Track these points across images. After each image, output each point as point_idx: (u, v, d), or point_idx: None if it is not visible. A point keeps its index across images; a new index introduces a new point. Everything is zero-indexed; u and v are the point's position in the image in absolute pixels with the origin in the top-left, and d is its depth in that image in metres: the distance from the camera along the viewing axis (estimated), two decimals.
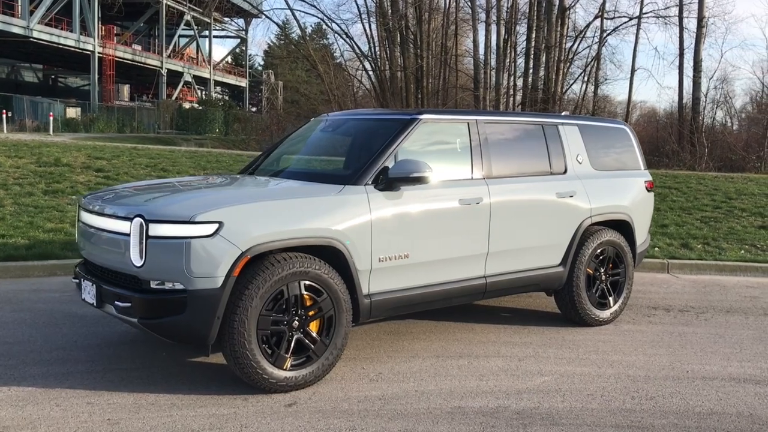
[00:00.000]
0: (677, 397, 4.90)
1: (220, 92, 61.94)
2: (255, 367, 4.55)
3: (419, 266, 5.34)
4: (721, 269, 9.45)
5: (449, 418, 4.40)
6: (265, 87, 62.98)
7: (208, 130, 46.54)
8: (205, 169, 15.05)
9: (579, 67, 34.78)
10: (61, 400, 4.52)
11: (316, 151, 6.38)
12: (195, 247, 4.36)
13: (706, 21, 30.94)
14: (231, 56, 67.06)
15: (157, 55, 50.97)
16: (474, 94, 29.85)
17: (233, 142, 36.06)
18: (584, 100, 35.39)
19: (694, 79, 31.11)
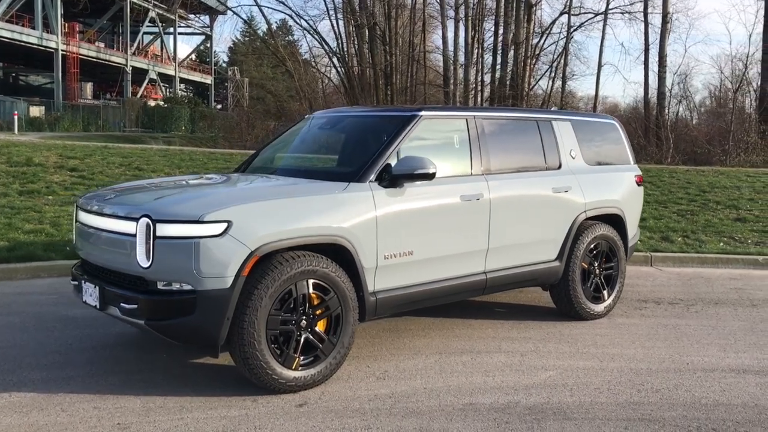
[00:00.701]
0: (682, 389, 4.96)
1: (184, 89, 61.23)
2: (264, 367, 4.50)
3: (423, 263, 5.34)
4: (703, 261, 9.61)
5: (462, 415, 4.39)
6: (230, 84, 62.52)
7: (174, 128, 45.99)
8: (180, 168, 14.87)
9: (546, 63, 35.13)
10: (66, 405, 4.42)
11: (315, 149, 6.33)
12: (204, 247, 4.29)
13: (670, 16, 31.41)
14: (195, 53, 66.37)
15: (122, 52, 50.22)
16: (444, 90, 29.93)
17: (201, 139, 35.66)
18: (551, 96, 35.74)
19: (660, 74, 31.58)
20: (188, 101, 50.08)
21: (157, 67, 55.25)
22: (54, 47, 42.83)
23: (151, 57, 55.45)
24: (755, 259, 9.66)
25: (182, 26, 59.85)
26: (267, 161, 6.22)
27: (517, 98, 28.80)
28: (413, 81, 34.01)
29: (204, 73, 62.64)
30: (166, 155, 16.64)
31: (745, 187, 14.44)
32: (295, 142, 6.42)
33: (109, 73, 51.39)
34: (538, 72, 34.75)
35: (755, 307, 7.39)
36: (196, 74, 61.90)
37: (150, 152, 17.11)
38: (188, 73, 60.70)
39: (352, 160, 5.53)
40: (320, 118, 6.46)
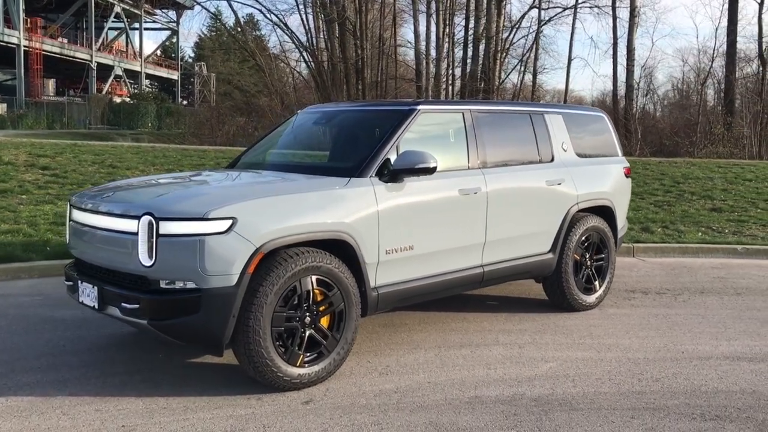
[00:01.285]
0: (681, 377, 5.02)
1: (149, 86, 60.40)
2: (270, 365, 4.46)
3: (422, 257, 5.32)
4: (684, 251, 9.74)
5: (470, 408, 4.39)
6: (197, 79, 61.86)
7: (141, 125, 45.39)
8: (154, 166, 14.66)
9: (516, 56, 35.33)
10: (66, 408, 4.33)
11: (310, 144, 6.26)
12: (209, 245, 4.23)
13: (638, 10, 31.81)
14: (161, 49, 65.54)
15: (87, 48, 49.36)
16: (416, 85, 29.94)
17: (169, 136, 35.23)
18: (522, 90, 35.98)
19: (628, 67, 31.95)
20: (155, 97, 49.42)
21: (123, 63, 54.43)
22: (16, 43, 41.95)
23: (116, 53, 54.57)
24: (734, 248, 9.82)
25: (148, 21, 59.00)
26: (262, 157, 6.14)
27: (488, 92, 28.92)
28: (384, 75, 33.97)
29: (170, 69, 61.85)
30: (139, 152, 16.39)
31: (718, 178, 14.69)
32: (290, 137, 6.35)
33: (74, 69, 50.47)
34: (508, 66, 34.99)
35: (740, 295, 7.51)
36: (163, 70, 61.10)
37: (121, 150, 16.83)
38: (154, 68, 59.91)
39: (352, 155, 5.48)
40: (313, 113, 6.40)
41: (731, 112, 27.91)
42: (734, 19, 29.91)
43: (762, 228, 10.94)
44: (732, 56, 30.43)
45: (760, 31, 31.11)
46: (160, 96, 51.01)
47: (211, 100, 53.15)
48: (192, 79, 66.45)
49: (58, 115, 42.15)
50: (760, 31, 31.11)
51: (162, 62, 62.12)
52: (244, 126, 29.46)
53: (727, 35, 30.32)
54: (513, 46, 34.39)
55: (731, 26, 29.90)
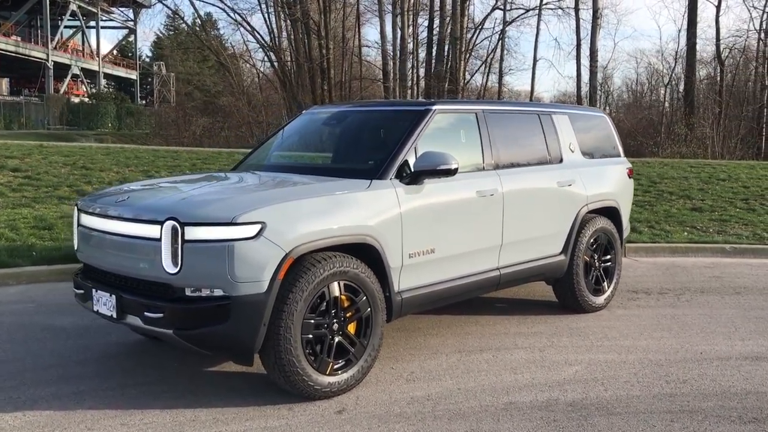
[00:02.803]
0: (707, 378, 5.00)
1: (107, 85, 59.16)
2: (301, 374, 4.31)
3: (443, 260, 5.23)
4: (673, 251, 9.81)
5: (508, 416, 4.31)
6: (156, 79, 60.81)
7: (100, 125, 44.49)
8: (128, 167, 14.30)
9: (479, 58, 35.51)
10: (90, 423, 4.12)
11: (323, 145, 6.10)
12: (239, 251, 4.06)
13: (600, 12, 32.23)
14: (118, 48, 64.25)
15: (42, 46, 48.11)
16: (384, 85, 29.85)
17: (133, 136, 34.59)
18: (486, 91, 36.18)
19: (591, 68, 32.39)
20: (114, 97, 48.44)
21: (80, 62, 53.22)
22: None
23: (72, 51, 53.33)
24: (722, 247, 9.93)
25: (105, 19, 57.74)
26: (273, 159, 5.96)
27: (455, 92, 28.99)
28: (349, 76, 33.83)
29: (129, 69, 60.68)
30: (109, 153, 16.00)
31: (692, 178, 14.90)
32: (299, 139, 6.20)
33: (29, 68, 49.14)
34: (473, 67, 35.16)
35: (739, 294, 7.57)
36: (121, 69, 59.93)
37: (91, 150, 16.41)
38: (112, 68, 58.73)
39: (369, 156, 5.34)
40: (322, 113, 6.25)
41: (692, 112, 28.43)
42: (694, 21, 30.49)
43: (745, 227, 11.09)
44: (692, 58, 31.02)
45: (718, 33, 31.84)
46: (119, 96, 50.02)
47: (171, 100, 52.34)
48: (150, 78, 65.34)
49: (15, 115, 41.03)
50: (717, 34, 31.84)
51: (120, 62, 60.92)
52: (209, 126, 29.06)
53: (687, 38, 30.89)
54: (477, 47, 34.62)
55: (691, 29, 30.48)
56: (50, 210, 10.27)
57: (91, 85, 56.64)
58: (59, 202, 10.86)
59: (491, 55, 34.40)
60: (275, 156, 6.02)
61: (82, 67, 53.59)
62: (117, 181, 12.67)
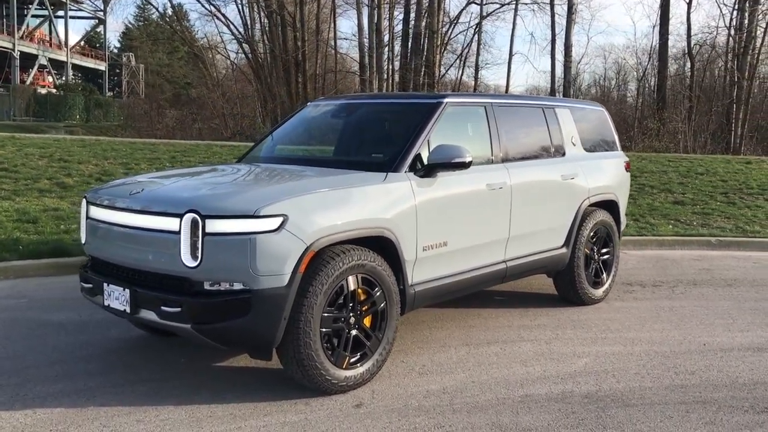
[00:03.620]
0: (714, 370, 5.06)
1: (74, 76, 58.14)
2: (319, 368, 4.27)
3: (455, 254, 5.22)
4: (660, 244, 9.93)
5: (526, 408, 4.31)
6: (125, 70, 59.99)
7: (68, 117, 43.76)
8: (107, 159, 14.06)
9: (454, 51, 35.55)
10: (105, 420, 4.04)
11: (332, 138, 6.02)
12: (261, 244, 4.00)
13: (575, 7, 32.46)
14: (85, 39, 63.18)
15: (8, 36, 47.10)
16: (361, 78, 29.75)
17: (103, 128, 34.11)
18: (461, 85, 36.25)
19: (566, 63, 32.61)
20: (82, 89, 47.63)
21: (48, 53, 52.20)
22: None
23: (39, 41, 52.28)
24: (708, 240, 10.08)
25: (73, 9, 56.71)
26: (282, 151, 5.88)
27: (431, 86, 29.01)
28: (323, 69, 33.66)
29: (98, 59, 59.68)
30: (85, 146, 15.72)
31: (671, 172, 15.09)
32: (307, 131, 6.13)
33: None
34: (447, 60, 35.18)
35: (731, 286, 7.69)
36: (89, 60, 58.91)
37: (66, 142, 16.12)
38: (81, 59, 57.69)
39: (382, 149, 5.30)
40: (329, 105, 6.19)
41: (664, 107, 28.79)
42: (666, 17, 30.87)
43: (727, 220, 11.27)
44: (664, 53, 31.42)
45: (689, 29, 32.26)
46: (87, 87, 49.20)
47: (141, 91, 51.68)
48: (118, 70, 64.41)
49: None
50: (688, 30, 32.26)
51: (88, 52, 59.88)
52: (182, 119, 28.74)
53: (660, 33, 31.25)
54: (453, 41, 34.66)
55: (663, 24, 30.85)
56: (32, 203, 10.06)
57: (58, 75, 55.64)
58: (40, 195, 10.63)
59: (467, 49, 34.46)
60: (283, 148, 5.94)
61: (49, 57, 52.58)
62: (97, 173, 12.47)
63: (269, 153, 5.86)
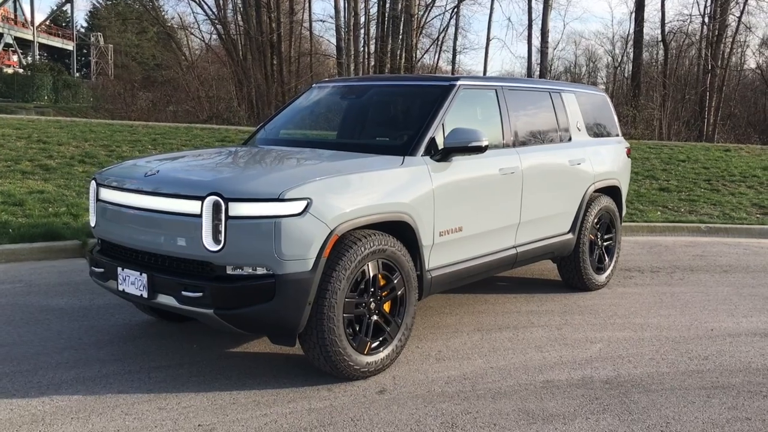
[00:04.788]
0: (725, 355, 5.11)
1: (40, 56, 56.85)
2: (342, 353, 4.21)
3: (469, 239, 5.18)
4: (651, 230, 10.01)
5: (549, 394, 4.30)
6: (94, 51, 58.84)
7: (36, 98, 42.79)
8: (87, 141, 13.79)
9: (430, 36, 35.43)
10: (126, 408, 3.95)
11: (343, 121, 5.91)
12: (285, 228, 3.92)
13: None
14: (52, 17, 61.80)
15: None
16: (338, 61, 29.51)
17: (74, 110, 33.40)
18: (437, 69, 36.17)
19: (542, 49, 32.62)
20: (50, 69, 46.61)
21: (13, 31, 51.00)
22: None
23: (3, 19, 51.02)
24: (697, 226, 10.18)
25: None
26: (293, 134, 5.78)
27: (410, 70, 28.87)
28: (298, 52, 33.37)
29: (65, 39, 58.41)
30: (63, 127, 15.41)
31: (653, 159, 15.23)
32: (316, 113, 6.03)
33: None
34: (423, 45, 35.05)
35: (727, 273, 7.77)
36: (57, 40, 57.65)
37: (41, 123, 15.79)
38: (48, 38, 56.44)
39: (397, 132, 5.24)
40: (337, 87, 6.09)
41: (639, 94, 29.03)
42: (642, 3, 31.04)
43: (713, 207, 11.39)
44: (639, 40, 31.64)
45: (663, 16, 32.56)
46: (56, 67, 48.14)
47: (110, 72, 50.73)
48: (85, 50, 63.18)
49: None
50: (663, 17, 32.56)
51: (55, 31, 58.58)
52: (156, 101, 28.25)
53: (635, 20, 31.45)
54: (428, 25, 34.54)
55: (639, 11, 31.03)
56: (15, 185, 9.81)
57: (24, 55, 54.41)
58: (23, 177, 10.39)
59: (443, 33, 34.38)
60: (293, 131, 5.85)
61: (15, 36, 51.38)
62: (79, 156, 12.22)
63: (278, 135, 5.75)
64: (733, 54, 33.41)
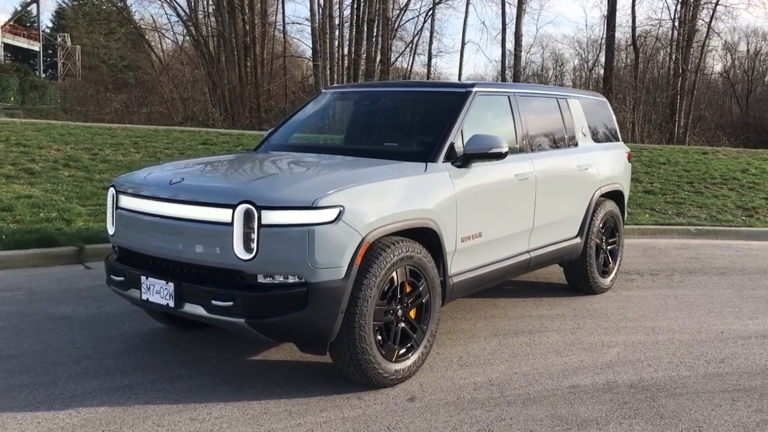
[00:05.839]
0: (741, 357, 5.17)
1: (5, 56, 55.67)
2: (372, 361, 4.19)
3: (488, 244, 5.19)
4: (643, 232, 10.12)
5: (578, 399, 4.32)
6: (61, 51, 57.90)
7: (2, 99, 41.89)
8: (68, 144, 13.56)
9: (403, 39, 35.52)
10: (157, 419, 3.87)
11: (358, 126, 5.85)
12: (319, 236, 3.88)
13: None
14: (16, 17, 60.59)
15: None
16: (314, 64, 29.40)
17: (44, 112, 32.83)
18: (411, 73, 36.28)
19: (516, 52, 32.91)
20: (17, 69, 45.70)
21: None
22: None
23: None
24: (687, 229, 10.32)
25: None
26: (307, 139, 5.74)
27: (386, 73, 28.91)
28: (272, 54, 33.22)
29: (31, 39, 57.32)
30: (40, 130, 15.18)
31: (634, 161, 15.28)
32: (329, 118, 5.99)
33: None
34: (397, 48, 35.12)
35: (724, 275, 7.89)
36: (22, 40, 56.52)
37: (18, 126, 15.53)
38: (12, 38, 55.33)
39: (416, 138, 5.23)
40: (350, 93, 6.06)
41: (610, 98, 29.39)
42: (614, 7, 31.43)
43: (699, 209, 11.56)
44: (611, 45, 32.02)
45: (634, 20, 33.03)
46: (22, 68, 47.21)
47: (77, 74, 49.99)
48: (51, 51, 62.10)
49: None
50: (633, 21, 33.02)
51: (20, 31, 57.45)
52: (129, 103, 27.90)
53: (607, 24, 31.83)
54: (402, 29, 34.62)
55: (611, 16, 31.42)
56: (1, 189, 9.60)
57: None
58: (8, 181, 10.17)
59: (417, 36, 34.50)
60: (306, 137, 5.79)
61: None
62: (63, 159, 12.00)
63: (292, 141, 5.70)
64: (703, 58, 33.98)
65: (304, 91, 32.06)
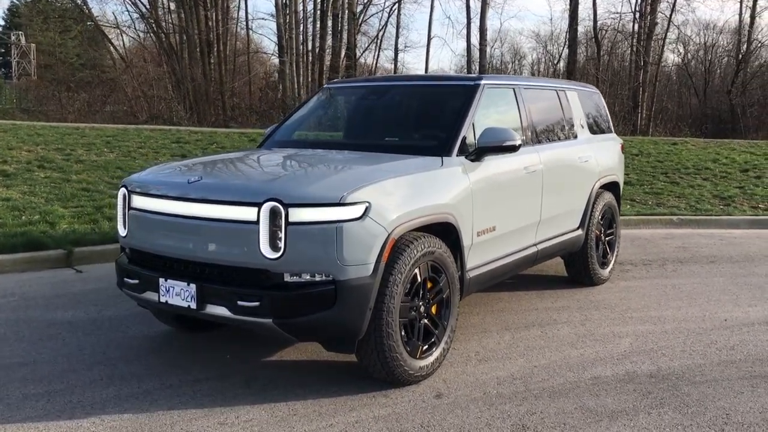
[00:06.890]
0: (749, 344, 5.25)
1: None
2: (398, 359, 4.14)
3: (501, 238, 5.18)
4: (627, 223, 10.21)
5: (603, 391, 4.32)
6: (15, 50, 56.57)
7: None
8: (38, 145, 13.23)
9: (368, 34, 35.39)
10: (185, 425, 3.78)
11: (367, 121, 5.76)
12: (347, 232, 3.82)
13: None
14: None
15: None
16: (280, 59, 29.15)
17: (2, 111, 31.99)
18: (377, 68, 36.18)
19: (481, 47, 33.04)
20: None
21: None
22: None
23: None
24: (670, 219, 10.47)
25: None
26: (313, 136, 5.64)
27: (353, 68, 28.81)
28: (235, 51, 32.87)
29: None
30: (7, 131, 14.88)
31: None
32: (333, 114, 5.90)
33: None
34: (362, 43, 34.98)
35: (714, 263, 8.00)
36: None
37: None
38: None
39: (428, 133, 5.18)
40: (354, 87, 5.98)
41: None
42: (577, 2, 31.76)
43: (678, 199, 11.74)
44: (574, 38, 32.39)
45: (595, 13, 33.42)
46: None
47: (32, 73, 48.86)
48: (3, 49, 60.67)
49: None
50: (594, 14, 33.42)
51: None
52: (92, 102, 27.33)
53: (570, 17, 32.17)
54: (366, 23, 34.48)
55: (574, 9, 31.76)
56: None
57: None
58: None
59: (382, 30, 34.40)
60: (312, 133, 5.71)
61: None
62: (37, 160, 11.71)
63: (299, 137, 5.62)
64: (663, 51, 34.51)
65: (268, 87, 31.85)
